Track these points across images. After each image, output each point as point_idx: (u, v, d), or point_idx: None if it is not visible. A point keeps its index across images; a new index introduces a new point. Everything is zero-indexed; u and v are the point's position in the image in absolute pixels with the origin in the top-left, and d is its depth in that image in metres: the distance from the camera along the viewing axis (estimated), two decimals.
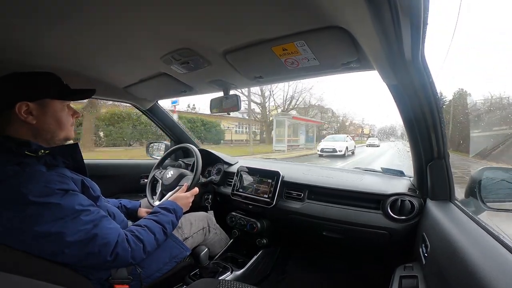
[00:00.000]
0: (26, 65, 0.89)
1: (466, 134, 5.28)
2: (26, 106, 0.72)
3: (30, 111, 0.73)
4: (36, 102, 0.74)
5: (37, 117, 0.74)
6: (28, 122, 0.72)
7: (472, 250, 0.53)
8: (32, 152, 0.70)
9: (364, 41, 0.64)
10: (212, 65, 0.95)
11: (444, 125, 0.84)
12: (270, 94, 21.10)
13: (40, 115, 0.75)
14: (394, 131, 37.86)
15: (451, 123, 5.95)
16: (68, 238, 0.66)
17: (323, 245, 1.52)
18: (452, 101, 8.28)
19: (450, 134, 5.41)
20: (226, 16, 0.64)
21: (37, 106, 0.74)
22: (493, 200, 0.83)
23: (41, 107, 0.75)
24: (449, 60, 18.73)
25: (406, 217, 1.00)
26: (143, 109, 1.65)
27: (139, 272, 0.86)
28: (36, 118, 0.74)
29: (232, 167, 1.64)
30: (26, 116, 0.72)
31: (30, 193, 0.64)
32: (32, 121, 0.73)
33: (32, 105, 0.73)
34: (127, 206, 1.20)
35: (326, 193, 1.23)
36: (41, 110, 0.75)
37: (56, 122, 0.78)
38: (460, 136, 5.59)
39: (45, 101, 0.76)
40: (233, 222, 1.46)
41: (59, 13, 0.62)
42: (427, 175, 0.93)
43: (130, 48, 0.84)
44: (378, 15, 0.48)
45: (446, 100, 7.41)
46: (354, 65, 0.82)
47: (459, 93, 9.10)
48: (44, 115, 0.75)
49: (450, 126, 5.71)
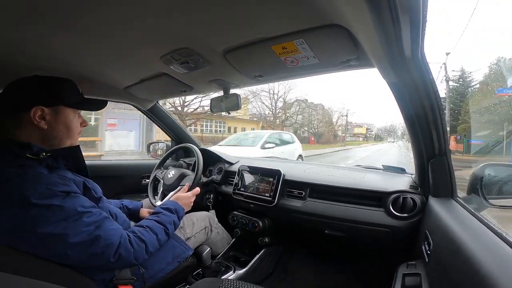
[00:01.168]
0: (27, 66, 0.89)
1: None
2: (41, 111, 0.73)
3: (43, 116, 0.73)
4: (51, 108, 0.75)
5: (49, 122, 0.75)
6: (40, 126, 0.73)
7: (475, 247, 0.53)
8: (34, 155, 0.70)
9: (363, 39, 0.64)
10: (212, 64, 0.95)
11: (445, 122, 0.83)
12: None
13: (52, 121, 0.75)
14: (393, 130, 37.05)
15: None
16: (71, 239, 0.67)
17: (325, 243, 1.52)
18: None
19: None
20: (225, 16, 0.64)
21: (51, 111, 0.75)
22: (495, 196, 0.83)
23: (54, 113, 0.76)
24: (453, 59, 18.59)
25: (408, 214, 1.00)
26: (143, 109, 1.65)
27: (142, 273, 0.86)
28: (48, 124, 0.74)
29: (233, 166, 1.64)
30: (39, 121, 0.73)
31: (33, 196, 0.64)
32: (43, 126, 0.74)
33: (46, 110, 0.74)
34: (128, 207, 1.20)
35: (327, 191, 1.22)
36: (54, 116, 0.76)
37: (66, 129, 0.79)
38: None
39: (60, 108, 0.77)
40: (235, 221, 1.47)
41: (59, 15, 0.62)
42: (429, 172, 0.93)
43: (130, 48, 0.84)
44: (377, 12, 0.47)
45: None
46: (353, 63, 0.81)
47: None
48: (56, 122, 0.76)
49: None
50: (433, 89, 0.73)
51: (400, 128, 42.40)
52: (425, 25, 0.52)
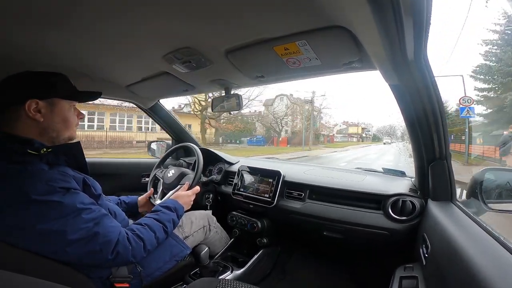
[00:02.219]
0: (28, 64, 0.89)
1: None
2: (36, 104, 0.73)
3: (39, 109, 0.74)
4: (45, 100, 0.75)
5: (44, 115, 0.75)
6: (36, 119, 0.74)
7: (473, 251, 0.53)
8: (35, 151, 0.70)
9: (366, 41, 0.64)
10: (214, 64, 0.95)
11: (446, 125, 0.83)
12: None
13: (48, 113, 0.76)
14: (392, 131, 34.70)
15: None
16: (69, 236, 0.67)
17: (323, 245, 1.51)
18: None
19: None
20: (228, 16, 0.64)
21: (46, 104, 0.75)
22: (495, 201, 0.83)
23: (49, 105, 0.76)
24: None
25: (407, 217, 1.00)
26: (144, 108, 1.65)
27: (139, 271, 0.86)
28: (44, 116, 0.75)
29: (233, 167, 1.64)
30: (34, 114, 0.73)
31: (33, 192, 0.64)
32: (39, 119, 0.74)
33: (41, 103, 0.74)
34: (126, 201, 1.21)
35: (327, 193, 1.22)
36: (49, 108, 0.76)
37: (63, 121, 0.79)
38: None
39: (54, 100, 0.78)
40: (234, 221, 1.46)
41: (61, 13, 0.62)
42: (429, 175, 0.93)
43: (132, 47, 0.84)
44: (380, 15, 0.47)
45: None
46: (356, 65, 0.81)
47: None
48: (51, 114, 0.77)
49: None
50: (435, 92, 0.73)
51: (400, 128, 39.93)
52: (428, 27, 0.52)
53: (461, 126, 11.64)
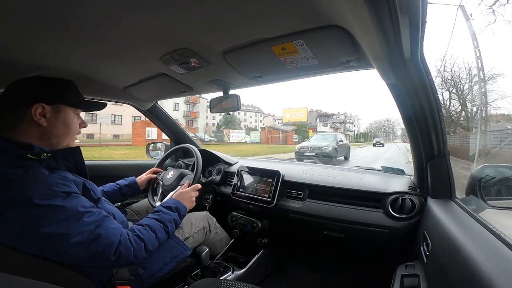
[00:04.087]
0: (26, 66, 0.89)
1: None
2: (42, 108, 0.74)
3: (44, 113, 0.75)
4: (52, 106, 0.77)
5: (49, 120, 0.76)
6: (39, 123, 0.74)
7: (473, 248, 0.53)
8: (35, 155, 0.70)
9: (363, 40, 0.64)
10: (212, 65, 0.95)
11: (444, 123, 0.83)
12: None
13: (53, 119, 0.77)
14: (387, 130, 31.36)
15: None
16: (72, 239, 0.67)
17: (323, 244, 1.52)
18: None
19: None
20: (225, 16, 0.64)
21: (52, 109, 0.76)
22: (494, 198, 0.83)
23: (55, 111, 0.77)
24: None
25: (407, 215, 1.00)
26: (143, 109, 1.65)
27: (140, 273, 0.86)
28: (48, 121, 0.76)
29: (233, 167, 1.63)
30: (39, 118, 0.74)
31: (35, 196, 0.64)
32: (43, 123, 0.75)
33: (47, 108, 0.75)
34: (124, 184, 1.26)
35: (326, 192, 1.23)
36: (55, 114, 0.77)
37: (65, 128, 0.80)
38: None
39: (60, 106, 0.79)
40: (234, 222, 1.46)
41: (58, 15, 0.62)
42: (428, 173, 0.93)
43: (129, 48, 0.84)
44: (377, 14, 0.48)
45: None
46: (353, 64, 0.82)
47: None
48: (55, 120, 0.78)
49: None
50: (432, 90, 0.73)
51: (394, 126, 36.55)
52: (424, 26, 0.53)
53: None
